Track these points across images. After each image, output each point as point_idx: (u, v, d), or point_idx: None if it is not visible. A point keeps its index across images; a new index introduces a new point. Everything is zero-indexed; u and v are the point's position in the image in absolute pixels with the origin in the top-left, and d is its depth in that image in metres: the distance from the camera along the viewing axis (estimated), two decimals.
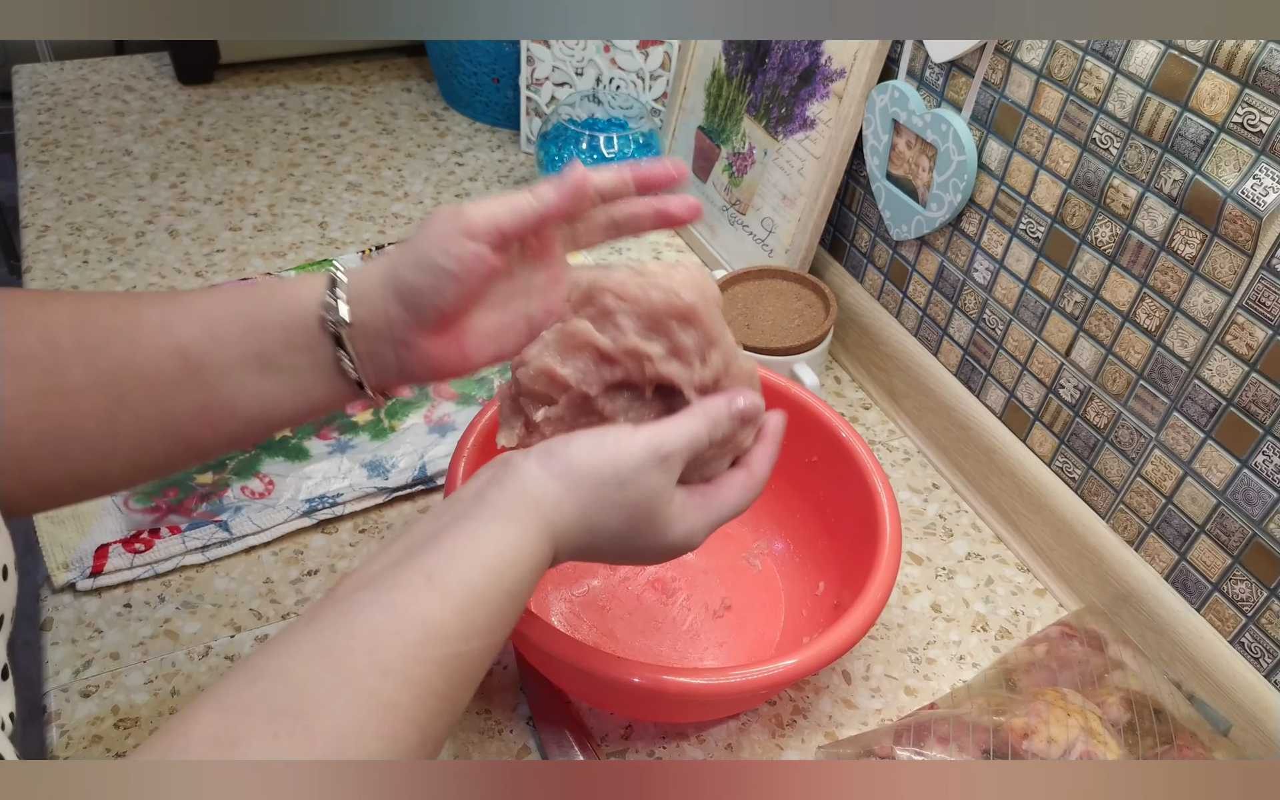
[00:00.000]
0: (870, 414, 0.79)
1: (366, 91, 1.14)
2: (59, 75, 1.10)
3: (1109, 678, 0.53)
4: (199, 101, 1.08)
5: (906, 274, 0.75)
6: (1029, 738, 0.49)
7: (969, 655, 0.61)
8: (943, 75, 0.67)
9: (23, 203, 0.90)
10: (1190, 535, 0.57)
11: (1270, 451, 0.51)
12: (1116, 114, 0.55)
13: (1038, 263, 0.63)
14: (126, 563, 0.59)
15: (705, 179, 0.92)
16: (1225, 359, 0.53)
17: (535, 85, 1.00)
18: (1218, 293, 0.52)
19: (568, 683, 0.55)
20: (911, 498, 0.72)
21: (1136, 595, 0.60)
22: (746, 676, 0.46)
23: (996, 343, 0.68)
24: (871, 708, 0.58)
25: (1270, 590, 0.53)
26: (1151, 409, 0.58)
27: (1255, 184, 0.49)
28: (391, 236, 0.91)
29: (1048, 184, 0.61)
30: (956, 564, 0.67)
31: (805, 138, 0.79)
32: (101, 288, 0.81)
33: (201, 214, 0.91)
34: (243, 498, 0.64)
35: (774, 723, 0.56)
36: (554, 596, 0.60)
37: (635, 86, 0.98)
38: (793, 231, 0.81)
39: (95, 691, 0.54)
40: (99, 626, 0.57)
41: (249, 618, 0.58)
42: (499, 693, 0.56)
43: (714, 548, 0.65)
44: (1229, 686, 0.55)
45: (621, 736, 0.55)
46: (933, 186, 0.69)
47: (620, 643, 0.58)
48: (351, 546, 0.63)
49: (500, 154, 1.05)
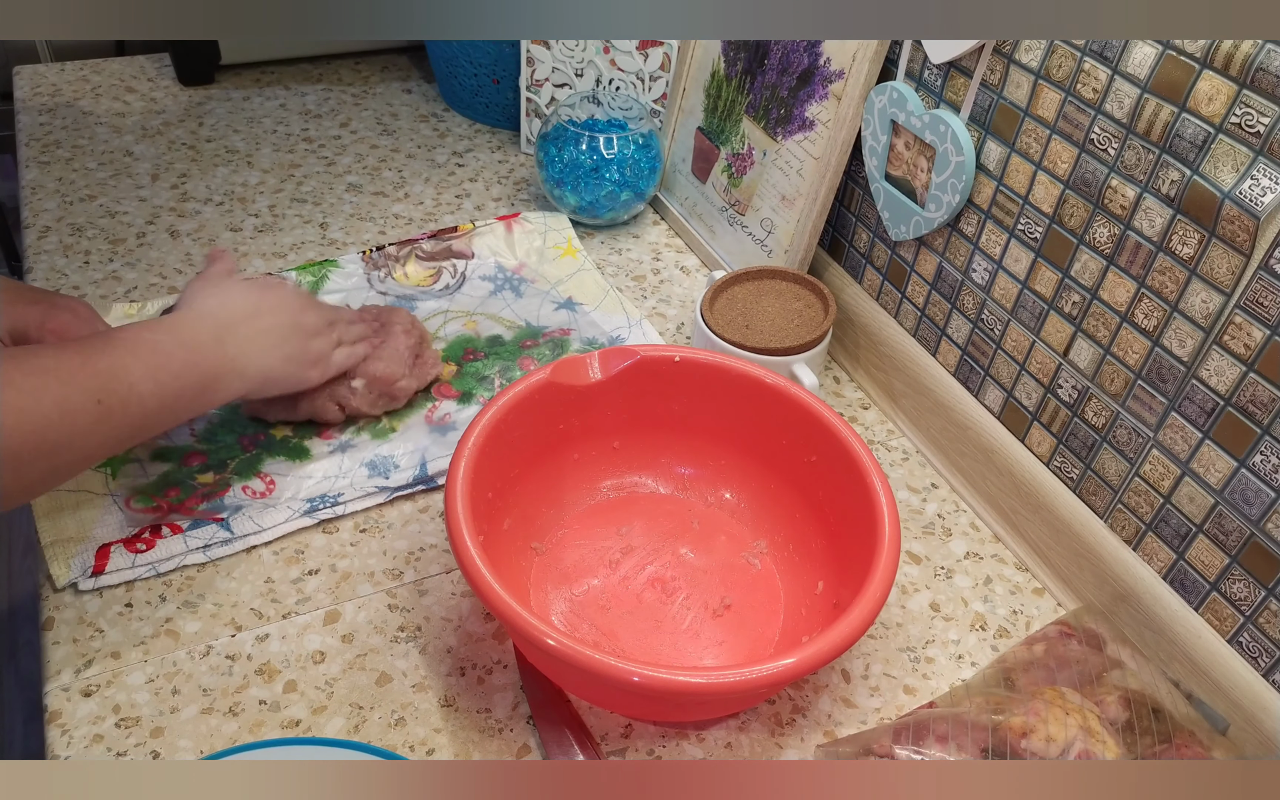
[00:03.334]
0: (869, 414, 0.79)
1: (367, 92, 1.15)
2: (60, 76, 1.10)
3: (1107, 677, 0.54)
4: (200, 102, 1.09)
5: (905, 274, 0.75)
6: (1028, 737, 0.49)
7: (968, 654, 0.61)
8: (941, 76, 0.67)
9: (24, 203, 0.90)
10: (1188, 535, 0.57)
11: (1268, 451, 0.51)
12: (1114, 114, 0.55)
13: (1036, 263, 0.63)
14: (128, 562, 0.59)
15: (705, 180, 0.92)
16: (1223, 359, 0.53)
17: (535, 86, 1.00)
18: (1216, 293, 0.52)
19: (568, 682, 0.55)
20: (910, 497, 0.72)
21: (1135, 594, 0.60)
22: (746, 675, 0.47)
23: (995, 343, 0.68)
24: (870, 707, 0.58)
25: (1268, 590, 0.53)
26: (1150, 409, 0.58)
27: (1253, 184, 0.49)
28: (392, 237, 0.91)
29: (1046, 184, 0.61)
30: (955, 563, 0.67)
31: (804, 138, 0.79)
32: (103, 288, 0.81)
33: (202, 215, 0.91)
34: (244, 497, 0.64)
35: (773, 722, 0.57)
36: (554, 596, 0.61)
37: (635, 87, 0.98)
38: (792, 232, 0.81)
39: (96, 691, 0.54)
40: (100, 626, 0.57)
41: (250, 617, 0.59)
42: (499, 692, 0.56)
43: (714, 547, 0.65)
44: (1227, 686, 0.55)
45: (621, 736, 0.55)
46: (931, 187, 0.69)
47: (620, 642, 0.59)
48: (352, 546, 0.63)
49: (500, 155, 1.06)
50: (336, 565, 0.62)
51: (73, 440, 0.50)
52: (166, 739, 0.52)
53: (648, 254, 0.93)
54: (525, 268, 0.87)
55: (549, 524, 0.64)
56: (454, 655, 0.58)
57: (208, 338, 0.59)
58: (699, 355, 0.65)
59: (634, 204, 0.94)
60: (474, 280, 0.85)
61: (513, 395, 0.59)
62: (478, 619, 0.60)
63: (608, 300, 0.84)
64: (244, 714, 0.54)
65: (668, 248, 0.95)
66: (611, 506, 0.67)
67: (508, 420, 0.59)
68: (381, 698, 0.55)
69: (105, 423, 0.51)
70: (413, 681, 0.56)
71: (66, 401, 0.49)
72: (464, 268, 0.86)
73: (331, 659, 0.57)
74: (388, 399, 0.71)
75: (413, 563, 0.63)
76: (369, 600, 0.60)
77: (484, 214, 0.96)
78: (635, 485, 0.68)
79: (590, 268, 0.88)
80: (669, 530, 0.66)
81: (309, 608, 0.60)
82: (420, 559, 0.63)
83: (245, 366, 0.60)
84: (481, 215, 0.96)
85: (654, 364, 0.64)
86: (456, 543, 0.51)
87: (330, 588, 0.61)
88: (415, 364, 0.72)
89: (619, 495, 0.67)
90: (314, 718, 0.54)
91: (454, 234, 0.89)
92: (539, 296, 0.84)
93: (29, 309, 0.61)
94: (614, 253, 0.93)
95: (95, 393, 0.51)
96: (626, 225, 0.97)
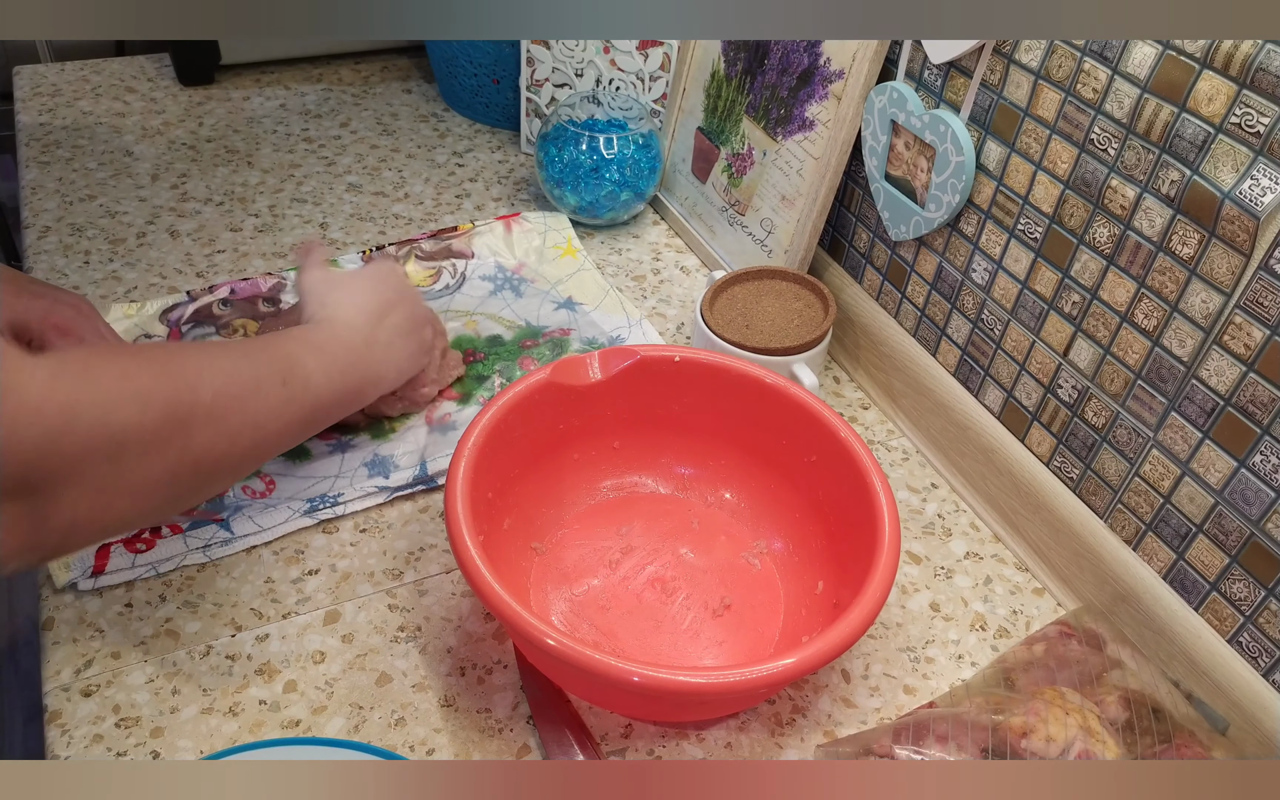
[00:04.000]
0: (869, 414, 0.79)
1: (367, 93, 1.15)
2: (60, 76, 1.10)
3: (1107, 677, 0.54)
4: (200, 102, 1.09)
5: (905, 274, 0.75)
6: (1027, 736, 0.49)
7: (968, 654, 0.61)
8: (941, 76, 0.67)
9: (24, 203, 0.90)
10: (1188, 535, 0.57)
11: (1268, 451, 0.51)
12: (1114, 115, 0.55)
13: (1036, 263, 0.63)
14: (128, 562, 0.59)
15: (705, 180, 0.92)
16: (1223, 359, 0.53)
17: (535, 86, 1.00)
18: (1215, 293, 0.52)
19: (568, 682, 0.55)
20: (910, 497, 0.72)
21: (1134, 594, 0.60)
22: (746, 675, 0.47)
23: (995, 343, 0.68)
24: (870, 707, 0.58)
25: (1268, 590, 0.53)
26: (1149, 409, 0.58)
27: (1253, 184, 0.49)
28: (392, 237, 0.91)
29: (1046, 184, 0.61)
30: (955, 563, 0.67)
31: (804, 138, 0.79)
32: (103, 288, 0.81)
33: (202, 215, 0.91)
34: (244, 497, 0.64)
35: (773, 722, 0.57)
36: (554, 596, 0.61)
37: (635, 88, 0.98)
38: (792, 232, 0.81)
39: (96, 691, 0.54)
40: (100, 626, 0.57)
41: (250, 617, 0.59)
42: (499, 692, 0.56)
43: (714, 547, 0.65)
44: (1227, 685, 0.55)
45: (621, 735, 0.55)
46: (931, 187, 0.69)
47: (620, 642, 0.59)
48: (352, 546, 0.63)
49: (500, 155, 1.06)
50: (336, 565, 0.62)
51: (268, 418, 0.51)
52: (166, 739, 0.52)
53: (648, 254, 0.93)
54: (525, 268, 0.87)
55: (549, 524, 0.64)
56: (454, 655, 0.58)
57: (360, 341, 0.61)
58: (699, 355, 0.65)
59: (634, 204, 0.94)
60: (474, 280, 0.85)
61: (513, 395, 0.59)
62: (478, 619, 0.60)
63: (608, 300, 0.84)
64: (244, 714, 0.54)
65: (668, 248, 0.95)
66: (611, 506, 0.67)
67: (508, 420, 0.59)
68: (381, 698, 0.55)
69: (290, 405, 0.53)
70: (413, 681, 0.56)
71: (258, 378, 0.51)
72: (464, 268, 0.86)
73: (331, 659, 0.57)
74: (409, 401, 0.70)
75: (413, 563, 0.63)
76: (369, 600, 0.60)
77: (484, 214, 0.96)
78: (635, 485, 0.68)
79: (590, 268, 0.88)
80: (669, 530, 0.66)
81: (309, 608, 0.60)
82: (420, 559, 0.63)
83: (387, 369, 0.63)
84: (481, 215, 0.96)
85: (654, 364, 0.64)
86: (456, 543, 0.51)
87: (330, 588, 0.61)
88: (441, 365, 0.72)
89: (619, 495, 0.67)
90: (314, 718, 0.54)
91: (454, 234, 0.89)
92: (539, 296, 0.84)
93: (33, 301, 0.61)
94: (614, 253, 0.93)
95: (280, 375, 0.53)
96: (626, 225, 0.97)
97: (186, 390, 0.46)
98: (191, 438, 0.46)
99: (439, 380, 0.72)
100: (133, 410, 0.42)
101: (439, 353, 0.72)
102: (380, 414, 0.70)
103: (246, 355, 0.52)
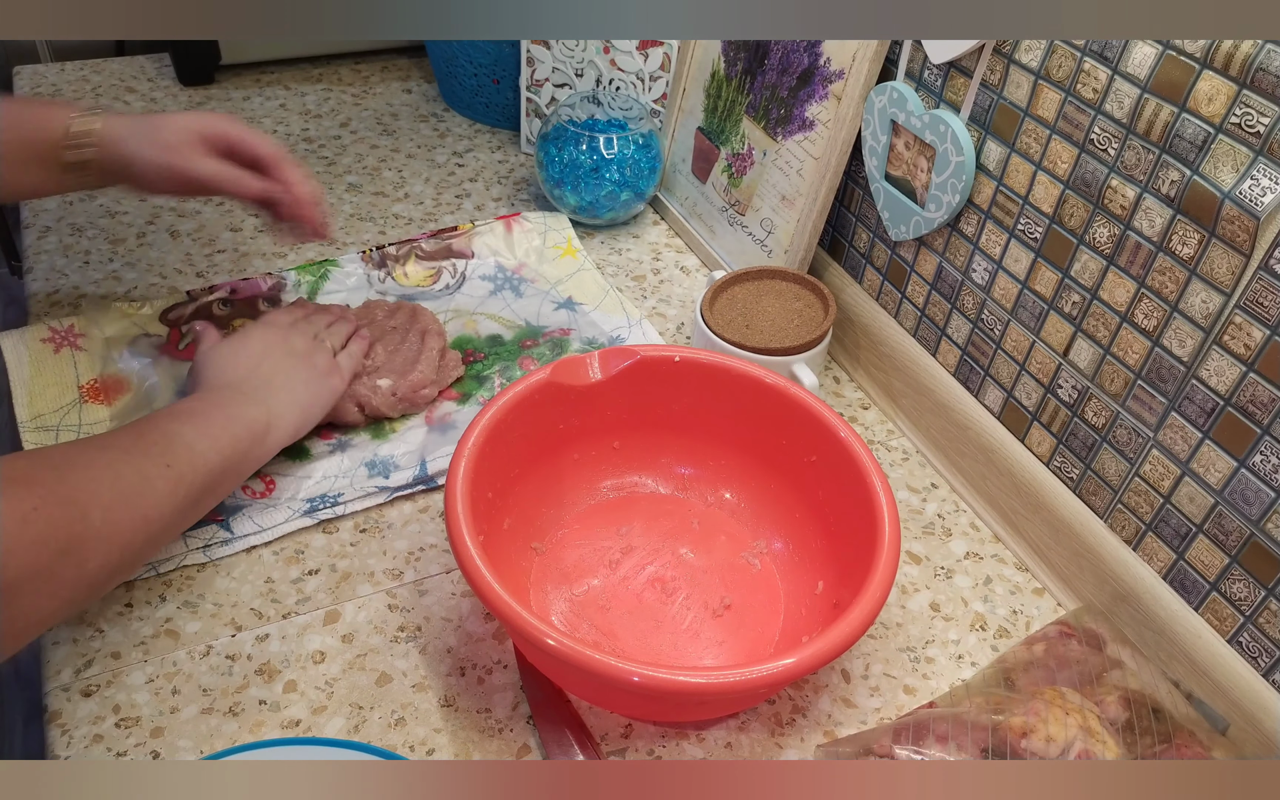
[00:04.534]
0: (869, 414, 0.79)
1: (367, 93, 1.15)
2: (60, 76, 1.10)
3: (1107, 677, 0.54)
4: (200, 102, 1.09)
5: (905, 274, 0.75)
6: (1027, 736, 0.49)
7: (967, 654, 0.61)
8: (941, 76, 0.67)
9: (24, 203, 0.90)
10: (1188, 535, 0.57)
11: (1268, 451, 0.51)
12: (1114, 115, 0.55)
13: (1036, 263, 0.63)
14: None
15: (705, 180, 0.92)
16: (1223, 359, 0.53)
17: (535, 86, 1.00)
18: (1215, 293, 0.52)
19: (568, 682, 0.55)
20: (910, 497, 0.72)
21: (1134, 594, 0.60)
22: (746, 675, 0.47)
23: (995, 343, 0.68)
24: (870, 707, 0.58)
25: (1268, 590, 0.53)
26: (1149, 409, 0.58)
27: (1253, 184, 0.49)
28: (392, 237, 0.91)
29: (1046, 184, 0.61)
30: (955, 563, 0.67)
31: (804, 138, 0.79)
32: (103, 288, 0.81)
33: (202, 215, 0.91)
34: (244, 497, 0.64)
35: (773, 722, 0.57)
36: (554, 596, 0.61)
37: (635, 88, 0.98)
38: (792, 232, 0.81)
39: (96, 691, 0.54)
40: (100, 626, 0.57)
41: (250, 617, 0.59)
42: (499, 692, 0.56)
43: (713, 547, 0.65)
44: (1227, 685, 0.55)
45: (621, 735, 0.55)
46: (931, 187, 0.69)
47: (620, 642, 0.59)
48: (352, 546, 0.63)
49: (500, 155, 1.06)
50: (336, 565, 0.62)
51: (159, 508, 0.51)
52: (166, 739, 0.52)
53: (648, 254, 0.93)
54: (525, 267, 0.87)
55: (549, 524, 0.64)
56: (454, 655, 0.58)
57: (232, 393, 0.61)
58: (699, 355, 0.65)
59: (634, 204, 0.94)
60: (474, 280, 0.85)
61: (513, 395, 0.59)
62: (478, 619, 0.60)
63: (608, 300, 0.84)
64: (244, 714, 0.54)
65: (668, 248, 0.95)
66: (611, 506, 0.67)
67: (508, 420, 0.59)
68: (381, 698, 0.55)
69: (181, 484, 0.52)
70: (413, 681, 0.56)
71: (143, 471, 0.50)
72: (464, 267, 0.86)
73: (331, 659, 0.57)
74: (408, 403, 0.71)
75: (413, 563, 0.63)
76: (369, 600, 0.60)
77: (484, 214, 0.96)
78: (635, 485, 0.68)
79: (590, 268, 0.88)
80: (669, 530, 0.66)
81: (309, 608, 0.60)
82: (420, 559, 0.63)
83: (280, 405, 0.62)
84: (481, 215, 0.96)
85: (654, 364, 0.64)
86: (456, 543, 0.51)
87: (330, 588, 0.61)
88: (440, 366, 0.73)
89: (619, 495, 0.67)
90: (314, 718, 0.54)
91: (454, 234, 0.89)
92: (539, 296, 0.84)
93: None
94: (614, 253, 0.93)
95: (163, 458, 0.52)
96: (626, 225, 0.97)
97: (78, 519, 0.46)
98: (86, 564, 0.46)
99: (439, 380, 0.73)
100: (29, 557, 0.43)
101: (438, 353, 0.72)
102: (380, 414, 0.70)
103: (126, 451, 0.51)
